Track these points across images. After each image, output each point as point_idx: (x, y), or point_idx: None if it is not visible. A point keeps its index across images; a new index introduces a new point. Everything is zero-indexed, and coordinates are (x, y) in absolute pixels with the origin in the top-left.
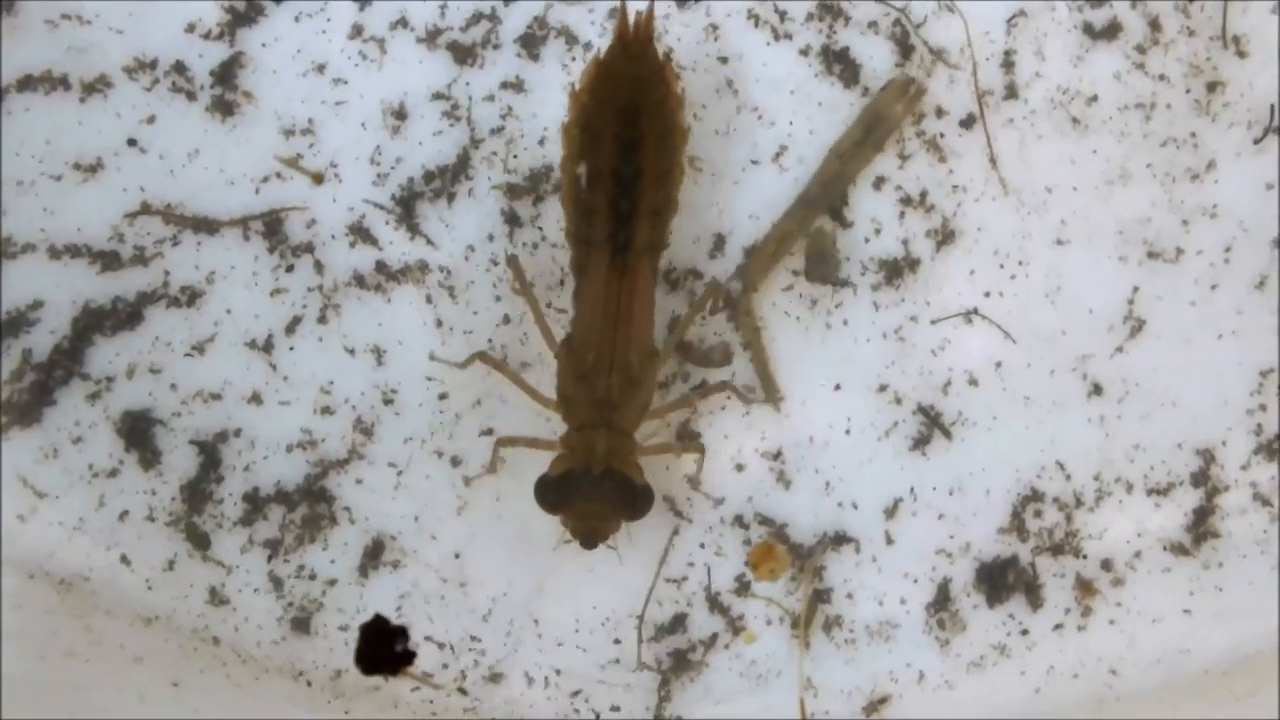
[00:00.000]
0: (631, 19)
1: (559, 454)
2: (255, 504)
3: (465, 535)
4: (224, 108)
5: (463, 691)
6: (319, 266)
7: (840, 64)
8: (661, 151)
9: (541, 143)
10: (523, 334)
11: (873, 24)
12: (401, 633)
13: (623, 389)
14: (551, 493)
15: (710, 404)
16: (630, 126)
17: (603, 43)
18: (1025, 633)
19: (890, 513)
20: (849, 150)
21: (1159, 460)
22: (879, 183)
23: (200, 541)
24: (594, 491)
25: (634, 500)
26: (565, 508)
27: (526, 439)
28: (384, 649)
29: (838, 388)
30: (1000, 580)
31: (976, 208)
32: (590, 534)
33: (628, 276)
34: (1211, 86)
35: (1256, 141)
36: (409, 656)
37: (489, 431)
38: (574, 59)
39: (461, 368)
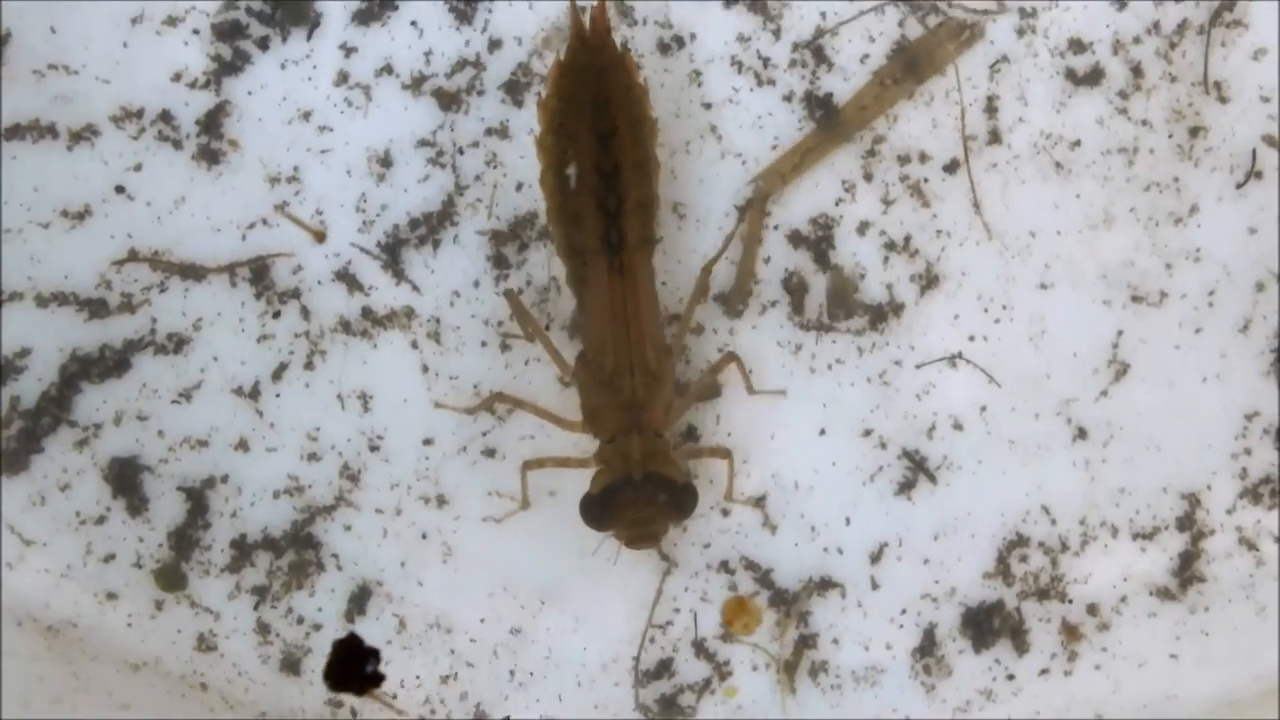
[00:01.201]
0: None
1: (597, 470)
2: (242, 550)
3: (451, 581)
4: (210, 155)
5: None
6: (305, 313)
7: (823, 109)
8: (636, 140)
9: (524, 188)
10: (511, 376)
11: (855, 70)
12: (374, 654)
13: (646, 387)
14: (598, 509)
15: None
16: (603, 119)
17: None
18: (1011, 678)
19: (875, 557)
20: (891, 78)
21: (1144, 504)
22: (863, 228)
23: (171, 582)
24: (639, 499)
25: (679, 500)
26: (614, 521)
27: (555, 459)
28: (354, 668)
29: (822, 432)
30: (986, 625)
31: (960, 252)
32: (642, 541)
33: (628, 276)
34: (1194, 131)
35: (1239, 186)
36: (377, 678)
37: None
38: None
39: (473, 413)
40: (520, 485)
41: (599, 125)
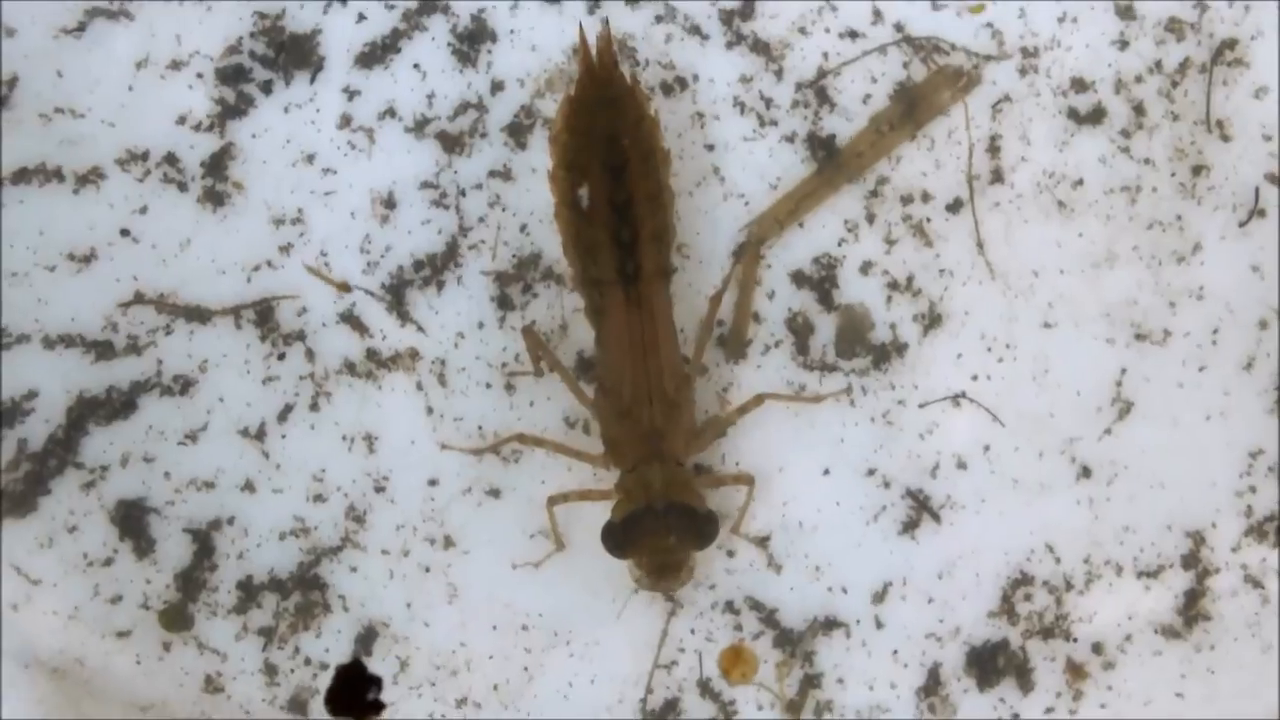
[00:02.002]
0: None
1: (618, 499)
2: (249, 592)
3: (457, 622)
4: (215, 198)
5: None
6: (310, 354)
7: (824, 150)
8: (648, 173)
9: (528, 230)
10: (516, 418)
11: (858, 111)
12: (376, 682)
13: (665, 415)
14: (619, 537)
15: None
16: (614, 152)
17: None
18: (1016, 717)
19: (880, 597)
20: (888, 124)
21: (1148, 542)
22: (866, 268)
23: (174, 622)
24: (660, 527)
25: (699, 529)
26: (634, 550)
27: (578, 492)
28: (356, 694)
29: (826, 472)
30: (990, 664)
31: (963, 291)
32: (664, 570)
33: (645, 306)
34: (1196, 170)
35: (1241, 224)
36: (378, 706)
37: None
38: None
39: (485, 453)
40: (550, 525)
41: (610, 158)
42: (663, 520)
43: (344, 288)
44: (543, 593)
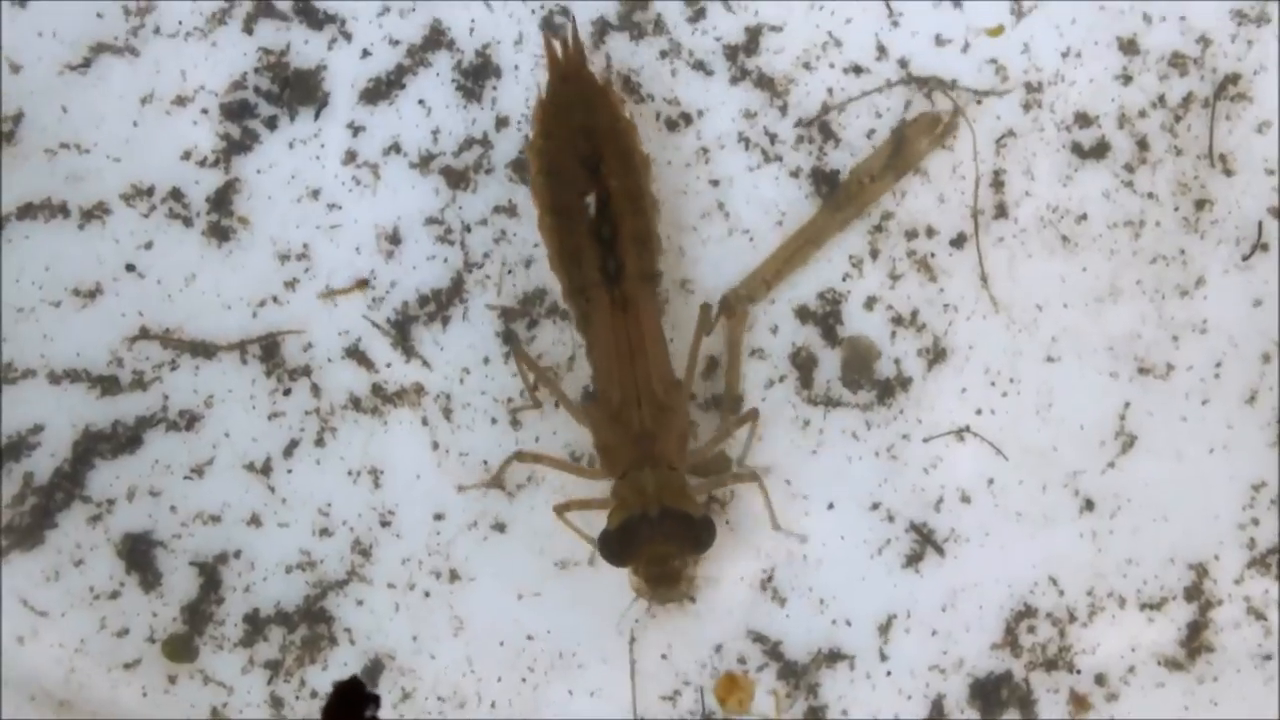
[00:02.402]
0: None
1: (614, 507)
2: (255, 625)
3: (463, 655)
4: (220, 233)
5: None
6: (316, 389)
7: (830, 185)
8: (626, 171)
9: (533, 265)
10: None
11: (862, 146)
12: (374, 700)
13: (656, 418)
14: (615, 544)
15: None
16: (589, 146)
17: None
18: None
19: (884, 629)
20: (870, 174)
21: (1152, 574)
22: (870, 303)
23: (177, 652)
24: (655, 533)
25: (695, 534)
26: (632, 556)
27: (579, 500)
28: (353, 713)
29: (830, 506)
30: (994, 696)
31: (967, 326)
32: (662, 578)
33: (630, 308)
34: (1200, 204)
35: (1245, 258)
36: None
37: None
38: None
39: (490, 485)
40: (567, 528)
41: (585, 153)
42: (659, 527)
43: (362, 285)
44: (549, 625)
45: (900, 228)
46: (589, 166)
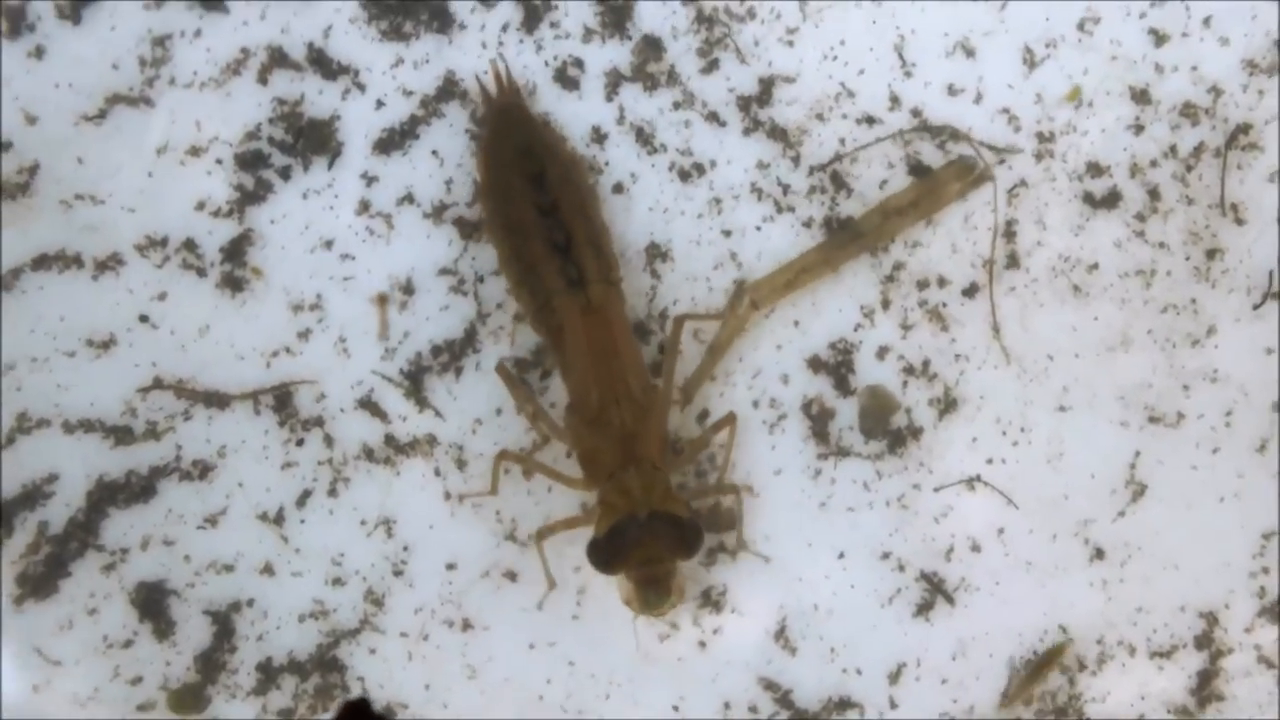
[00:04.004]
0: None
1: (600, 515)
2: (268, 674)
3: (476, 703)
4: (234, 284)
5: None
6: (329, 440)
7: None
8: (569, 179)
9: None
10: (534, 503)
11: (874, 196)
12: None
13: (635, 416)
14: (604, 551)
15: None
16: (531, 162)
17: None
18: None
19: (894, 678)
20: (895, 210)
21: (1162, 623)
22: (882, 353)
23: (183, 703)
24: (645, 536)
25: (685, 537)
26: (622, 562)
27: (564, 521)
28: None
29: (841, 555)
30: None
31: (979, 376)
32: (651, 583)
33: (599, 312)
34: (1211, 253)
35: (1256, 307)
36: None
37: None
38: None
39: (493, 492)
40: (540, 561)
41: (528, 168)
42: (647, 529)
43: (382, 299)
44: (561, 671)
45: (912, 277)
46: (534, 182)
